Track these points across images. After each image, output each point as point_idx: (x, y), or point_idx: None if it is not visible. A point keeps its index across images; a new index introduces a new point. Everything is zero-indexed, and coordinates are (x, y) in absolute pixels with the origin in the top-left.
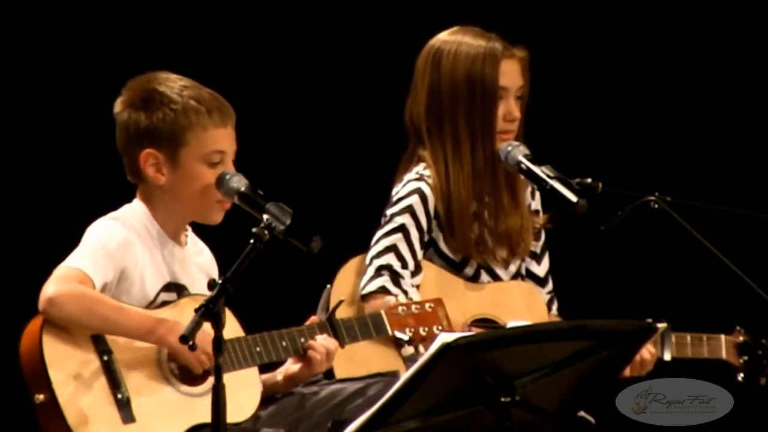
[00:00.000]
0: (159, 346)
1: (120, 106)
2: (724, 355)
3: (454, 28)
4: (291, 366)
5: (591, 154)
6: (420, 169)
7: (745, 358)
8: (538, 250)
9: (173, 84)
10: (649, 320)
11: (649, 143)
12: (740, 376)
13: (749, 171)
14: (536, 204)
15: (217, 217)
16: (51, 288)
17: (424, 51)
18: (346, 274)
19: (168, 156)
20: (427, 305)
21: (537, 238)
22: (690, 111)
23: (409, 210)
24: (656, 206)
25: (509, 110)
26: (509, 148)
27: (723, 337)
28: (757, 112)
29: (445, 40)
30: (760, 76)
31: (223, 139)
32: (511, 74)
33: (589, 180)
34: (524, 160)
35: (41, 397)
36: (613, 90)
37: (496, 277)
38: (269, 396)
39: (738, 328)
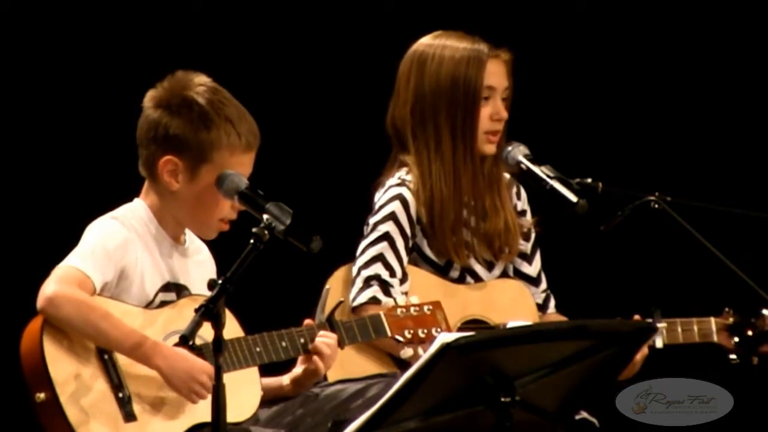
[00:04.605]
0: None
1: (152, 101)
2: (715, 338)
3: (437, 33)
4: (296, 369)
5: (591, 154)
6: (402, 173)
7: (736, 339)
8: (528, 250)
9: (211, 96)
10: (646, 321)
11: (648, 143)
12: (732, 357)
13: (749, 171)
14: (522, 204)
15: (212, 235)
16: (51, 287)
17: (408, 55)
18: (333, 285)
19: (188, 167)
20: (425, 307)
21: (527, 238)
22: (689, 111)
23: (392, 217)
24: (656, 206)
25: (497, 110)
26: (509, 148)
27: (713, 319)
28: (757, 112)
29: (429, 44)
30: (760, 76)
31: (245, 164)
32: (497, 74)
33: (589, 180)
34: (524, 160)
35: (42, 396)
36: (612, 89)
37: (480, 281)
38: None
39: (727, 309)
